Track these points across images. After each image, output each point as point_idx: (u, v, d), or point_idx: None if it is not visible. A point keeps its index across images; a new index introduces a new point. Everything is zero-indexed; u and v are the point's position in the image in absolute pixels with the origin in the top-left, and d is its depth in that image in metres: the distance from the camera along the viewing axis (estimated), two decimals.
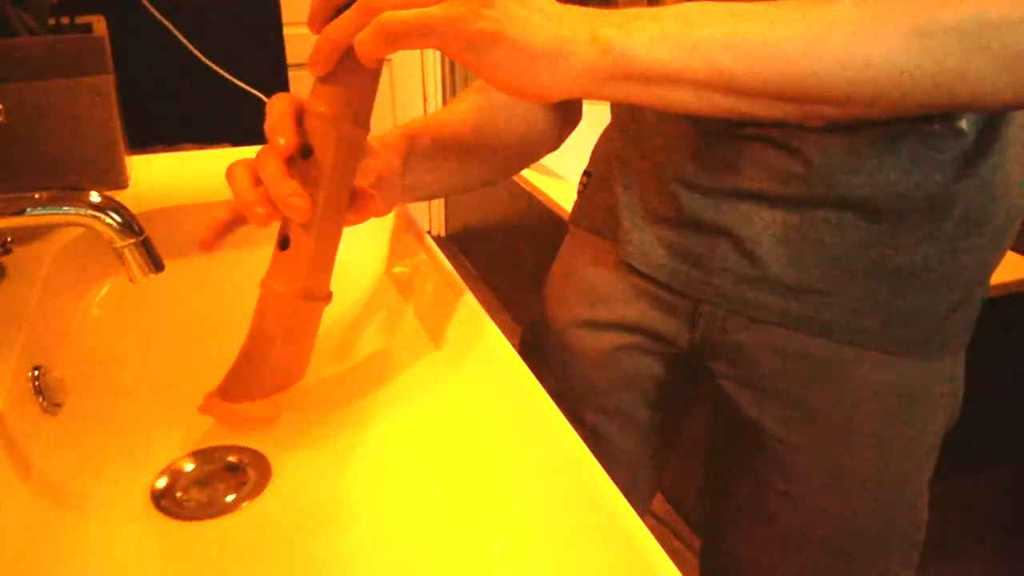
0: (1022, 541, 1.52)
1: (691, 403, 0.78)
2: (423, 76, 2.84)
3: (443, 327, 0.67)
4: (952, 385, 0.63)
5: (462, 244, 3.01)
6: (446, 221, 3.15)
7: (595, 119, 0.82)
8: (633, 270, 0.69)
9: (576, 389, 0.74)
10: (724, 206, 0.61)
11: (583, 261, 0.75)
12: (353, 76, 0.50)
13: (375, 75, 0.51)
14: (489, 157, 0.68)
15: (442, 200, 3.10)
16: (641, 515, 0.41)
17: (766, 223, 0.59)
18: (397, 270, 0.80)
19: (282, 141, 0.49)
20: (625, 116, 0.70)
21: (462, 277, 0.68)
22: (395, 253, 0.82)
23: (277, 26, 1.56)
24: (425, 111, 2.83)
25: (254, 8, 1.53)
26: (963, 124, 0.54)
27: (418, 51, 2.77)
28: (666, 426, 0.77)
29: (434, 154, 0.62)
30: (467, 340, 0.63)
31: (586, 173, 0.79)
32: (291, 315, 0.55)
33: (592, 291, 0.73)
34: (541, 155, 0.72)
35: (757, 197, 0.59)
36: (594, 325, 0.72)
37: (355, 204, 0.55)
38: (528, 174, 2.14)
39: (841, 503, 0.63)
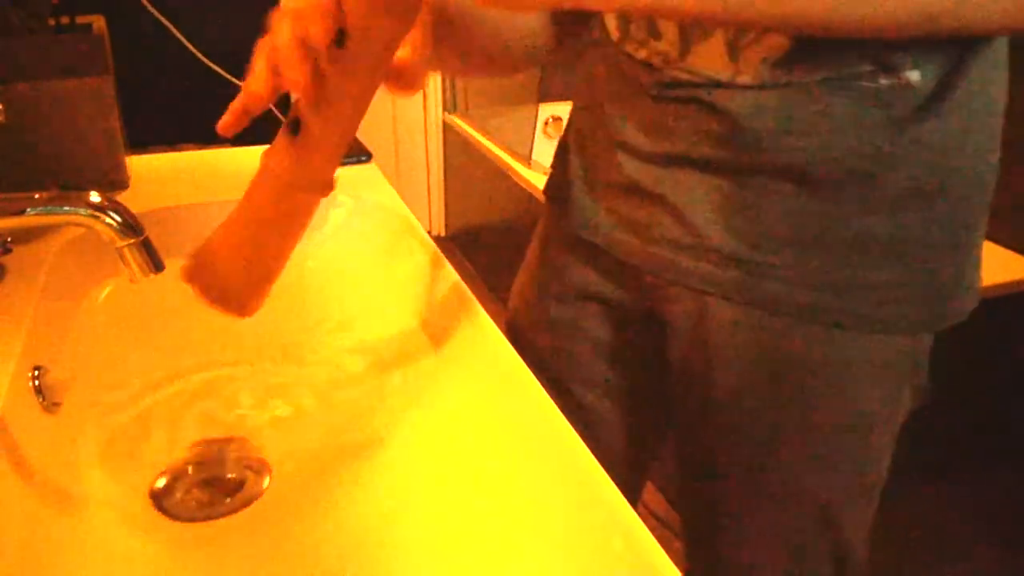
0: (1022, 541, 1.52)
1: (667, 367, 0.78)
2: None
3: (443, 327, 0.67)
4: (909, 366, 0.62)
5: (462, 244, 3.01)
6: (446, 221, 3.15)
7: None
8: (585, 239, 0.69)
9: (557, 362, 0.74)
10: (662, 173, 0.60)
11: (550, 232, 0.76)
12: None
13: None
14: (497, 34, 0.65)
15: (442, 200, 3.11)
16: (639, 491, 0.41)
17: (703, 190, 0.58)
18: (397, 270, 0.80)
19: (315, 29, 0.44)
20: (582, 83, 0.70)
21: (462, 277, 0.68)
22: (395, 253, 0.82)
23: None
24: (425, 111, 2.83)
25: (254, 8, 1.53)
26: (913, 77, 0.52)
27: None
28: (650, 392, 0.76)
29: (458, 26, 0.59)
30: (467, 340, 0.63)
31: (560, 144, 0.79)
32: (286, 201, 0.52)
33: (555, 262, 0.74)
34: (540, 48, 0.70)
35: (692, 163, 0.59)
36: (562, 297, 0.73)
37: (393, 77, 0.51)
38: (528, 175, 2.14)
39: (776, 467, 0.63)
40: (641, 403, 0.76)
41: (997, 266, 1.49)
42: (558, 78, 2.31)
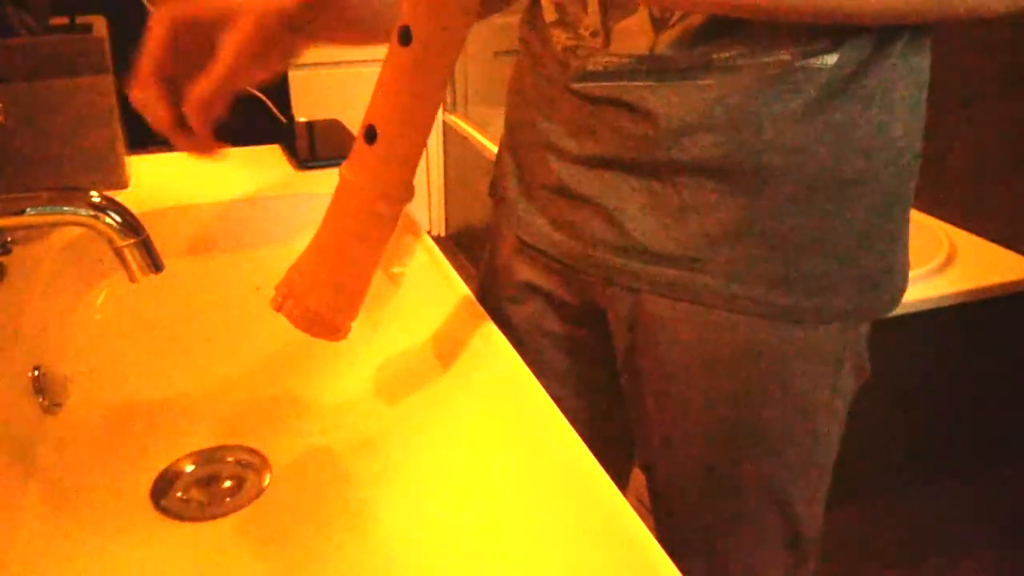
0: (1022, 542, 1.52)
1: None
2: None
3: (443, 327, 0.67)
4: (847, 352, 0.62)
5: (462, 244, 3.01)
6: (446, 221, 3.15)
7: None
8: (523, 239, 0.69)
9: (522, 358, 0.74)
10: (589, 174, 0.61)
11: (497, 233, 0.76)
12: None
13: None
14: None
15: (442, 200, 3.10)
16: (624, 480, 0.41)
17: (629, 191, 0.59)
18: (396, 270, 0.80)
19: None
20: (513, 80, 0.70)
21: (462, 277, 0.68)
22: (394, 253, 0.82)
23: None
24: None
25: None
26: (829, 60, 0.52)
27: None
28: (611, 383, 0.76)
29: None
30: (467, 340, 0.63)
31: (500, 142, 0.79)
32: (369, 214, 0.51)
33: (503, 263, 0.74)
34: None
35: (616, 165, 0.59)
36: (514, 298, 0.73)
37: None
38: None
39: (724, 456, 0.63)
40: (607, 394, 0.76)
41: (997, 266, 1.49)
42: None
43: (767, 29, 0.51)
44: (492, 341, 0.60)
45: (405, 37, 0.47)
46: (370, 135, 0.49)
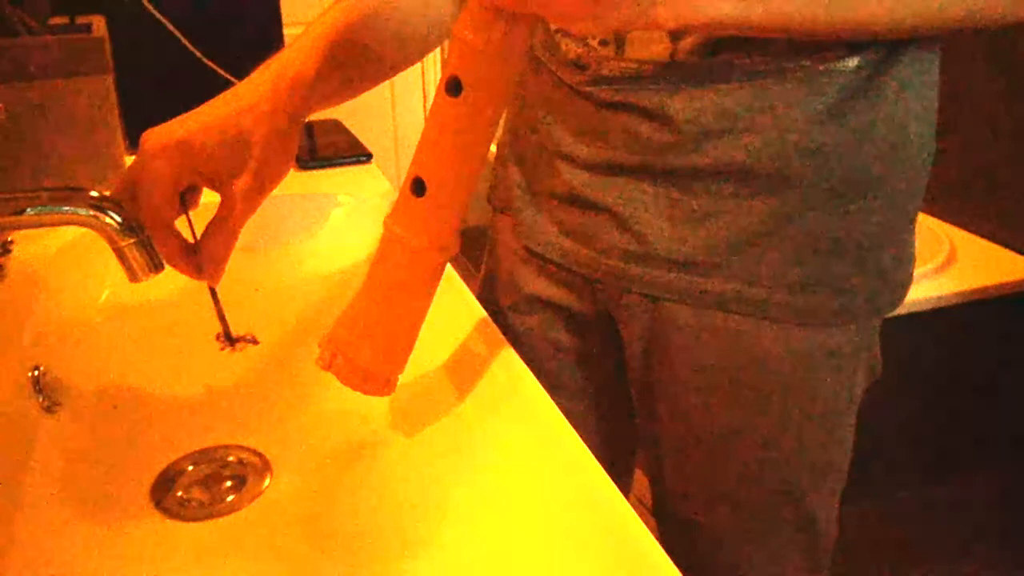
0: (1022, 542, 1.53)
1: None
2: (423, 76, 2.84)
3: (443, 327, 0.67)
4: (863, 350, 0.62)
5: (462, 244, 3.01)
6: None
7: None
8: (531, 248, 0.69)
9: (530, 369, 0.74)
10: (604, 181, 0.60)
11: (498, 241, 0.75)
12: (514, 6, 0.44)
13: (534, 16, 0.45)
14: (389, 48, 0.64)
15: None
16: (628, 486, 0.41)
17: (647, 198, 0.58)
18: None
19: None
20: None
21: (462, 277, 0.68)
22: None
23: (277, 26, 1.56)
24: (425, 112, 2.83)
25: (254, 8, 1.53)
26: (851, 63, 0.52)
27: None
28: (619, 391, 0.76)
29: (329, 78, 0.57)
30: (467, 341, 0.63)
31: (498, 148, 0.77)
32: (418, 266, 0.50)
33: (506, 273, 0.73)
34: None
35: (633, 171, 0.58)
36: (517, 307, 0.72)
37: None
38: None
39: (740, 460, 0.63)
40: (613, 402, 0.76)
41: (997, 266, 1.49)
42: None
43: (785, 43, 0.51)
44: (495, 347, 0.60)
45: (454, 88, 0.45)
46: (418, 188, 0.48)
